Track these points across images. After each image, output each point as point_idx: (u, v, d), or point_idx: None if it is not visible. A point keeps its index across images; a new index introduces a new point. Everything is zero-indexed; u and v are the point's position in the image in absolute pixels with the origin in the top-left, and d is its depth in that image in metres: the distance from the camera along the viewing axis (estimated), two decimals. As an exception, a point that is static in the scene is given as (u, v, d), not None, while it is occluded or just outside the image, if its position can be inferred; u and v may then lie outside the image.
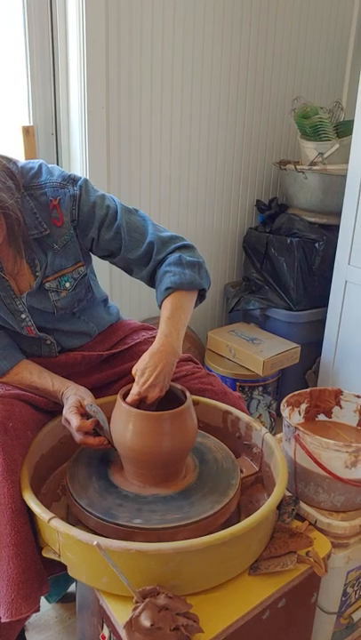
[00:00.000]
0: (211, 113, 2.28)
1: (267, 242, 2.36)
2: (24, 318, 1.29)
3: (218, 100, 2.28)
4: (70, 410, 1.17)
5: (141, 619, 0.90)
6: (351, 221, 2.05)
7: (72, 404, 1.18)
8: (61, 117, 1.99)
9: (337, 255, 2.13)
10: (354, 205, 2.02)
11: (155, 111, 2.11)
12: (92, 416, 1.17)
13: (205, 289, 1.32)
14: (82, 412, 1.17)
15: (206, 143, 2.32)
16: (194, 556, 0.95)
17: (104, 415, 1.17)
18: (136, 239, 1.29)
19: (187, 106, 2.19)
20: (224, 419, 1.35)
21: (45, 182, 1.24)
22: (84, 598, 1.15)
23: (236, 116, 2.37)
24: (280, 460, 1.16)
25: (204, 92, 2.22)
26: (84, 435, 1.15)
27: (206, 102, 2.25)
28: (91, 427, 1.15)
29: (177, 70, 2.12)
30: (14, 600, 1.07)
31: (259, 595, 1.01)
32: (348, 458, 1.19)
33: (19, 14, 1.84)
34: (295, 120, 2.31)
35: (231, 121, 2.36)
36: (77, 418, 1.15)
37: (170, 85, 2.12)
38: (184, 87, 2.16)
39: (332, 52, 2.63)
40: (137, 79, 2.02)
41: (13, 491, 1.08)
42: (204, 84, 2.22)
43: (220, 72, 2.25)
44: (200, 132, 2.28)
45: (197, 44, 2.14)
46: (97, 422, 1.16)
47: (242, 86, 2.34)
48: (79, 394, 1.22)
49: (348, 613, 1.30)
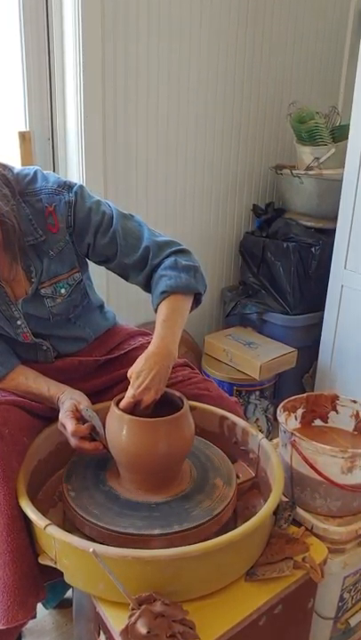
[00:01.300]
0: (207, 118, 2.29)
1: (263, 246, 2.36)
2: (20, 324, 1.29)
3: (214, 104, 2.29)
4: (66, 414, 1.17)
5: (138, 626, 0.90)
6: (347, 225, 2.05)
7: (68, 409, 1.18)
8: (58, 123, 1.99)
9: (333, 259, 2.14)
10: (350, 210, 2.03)
11: (151, 116, 2.11)
12: (88, 421, 1.17)
13: (201, 293, 1.32)
14: (78, 417, 1.17)
15: (202, 148, 2.32)
16: (190, 562, 0.95)
17: (100, 420, 1.17)
18: (132, 244, 1.29)
19: (183, 111, 2.20)
20: (220, 424, 1.35)
21: (41, 189, 1.24)
22: (80, 605, 1.15)
23: (232, 121, 2.38)
24: (276, 466, 1.16)
25: (199, 97, 2.23)
26: (79, 439, 1.15)
27: (202, 107, 2.25)
28: (86, 432, 1.15)
29: (173, 75, 2.12)
30: (11, 607, 1.07)
31: (255, 601, 1.01)
32: (344, 463, 1.19)
33: (15, 20, 1.84)
34: (291, 125, 2.32)
35: (227, 125, 2.37)
36: (73, 422, 1.15)
37: (166, 90, 2.12)
38: (180, 92, 2.17)
39: (328, 57, 2.64)
40: (133, 84, 2.03)
41: (10, 497, 1.08)
42: (200, 89, 2.22)
43: (216, 76, 2.25)
44: (196, 137, 2.28)
45: (193, 49, 2.15)
46: (93, 427, 1.16)
47: (238, 91, 2.35)
48: (75, 398, 1.22)
49: (345, 618, 1.30)
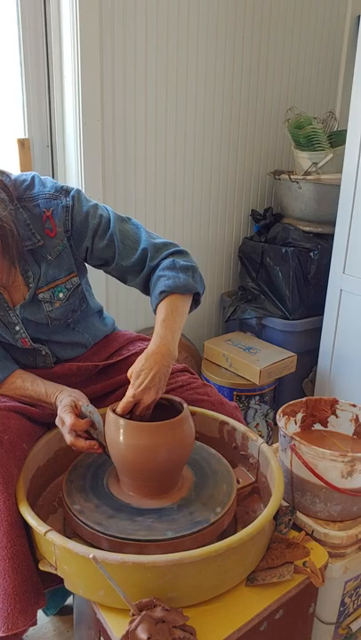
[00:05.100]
0: (205, 123, 2.30)
1: (262, 251, 2.37)
2: (18, 330, 1.29)
3: (212, 110, 2.30)
4: (65, 409, 1.16)
5: (138, 632, 0.89)
6: (345, 230, 2.06)
7: (67, 404, 1.18)
8: (57, 130, 2.00)
9: (332, 264, 2.14)
10: (348, 214, 2.04)
11: (149, 122, 2.12)
12: (88, 417, 1.16)
13: (200, 293, 1.31)
14: (77, 413, 1.16)
15: (201, 154, 2.33)
16: (190, 567, 0.95)
17: (100, 416, 1.16)
18: (129, 247, 1.29)
19: (181, 117, 2.21)
20: (220, 429, 1.35)
21: (38, 194, 1.24)
22: (81, 611, 1.15)
23: (230, 127, 2.39)
24: (276, 471, 1.16)
25: (198, 103, 2.24)
26: (75, 436, 1.14)
27: (200, 113, 2.26)
28: (85, 426, 1.14)
29: (171, 81, 2.14)
30: (11, 614, 1.07)
31: (256, 606, 1.00)
32: (344, 467, 1.18)
33: (13, 27, 1.85)
34: (289, 130, 2.32)
35: (225, 131, 2.38)
36: (72, 416, 1.14)
37: (164, 97, 2.13)
38: (178, 99, 2.18)
39: (325, 63, 2.66)
40: (131, 91, 2.04)
41: (9, 504, 1.08)
42: (198, 96, 2.23)
43: (213, 83, 2.26)
44: (194, 142, 2.29)
45: (191, 56, 2.16)
46: (92, 423, 1.15)
47: (236, 97, 2.36)
48: (74, 395, 1.22)
49: (346, 623, 1.30)
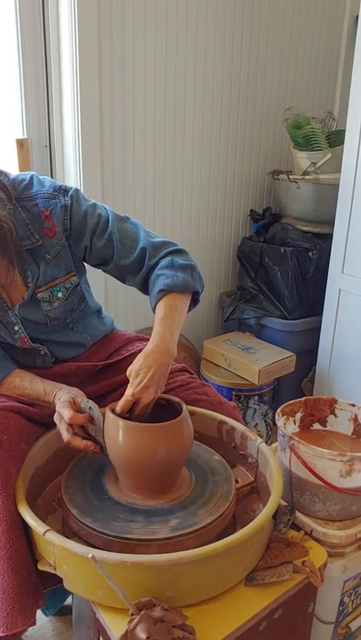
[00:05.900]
0: (204, 124, 2.30)
1: (261, 251, 2.37)
2: (17, 330, 1.29)
3: (211, 110, 2.30)
4: (63, 404, 1.16)
5: (137, 631, 0.89)
6: (344, 230, 2.06)
7: (66, 400, 1.17)
8: (55, 130, 2.00)
9: (331, 264, 2.15)
10: (346, 214, 2.04)
11: (148, 122, 2.12)
12: (87, 412, 1.16)
13: (199, 292, 1.31)
14: (75, 409, 1.16)
15: (200, 154, 2.33)
16: (189, 567, 0.95)
17: (100, 413, 1.16)
18: (128, 246, 1.29)
19: (179, 117, 2.21)
20: (219, 429, 1.35)
21: (37, 193, 1.24)
22: (80, 611, 1.15)
23: (228, 127, 2.39)
24: (275, 470, 1.16)
25: (196, 104, 2.24)
26: (72, 435, 1.14)
27: (199, 113, 2.27)
28: (84, 421, 1.14)
29: (170, 82, 2.14)
30: (10, 614, 1.07)
31: (255, 606, 1.00)
32: (343, 467, 1.18)
33: (11, 27, 1.85)
34: (288, 130, 2.33)
35: (224, 131, 2.38)
36: (70, 411, 1.14)
37: (162, 97, 2.13)
38: (177, 99, 2.18)
39: (323, 63, 2.66)
40: (130, 91, 2.04)
41: (8, 504, 1.08)
42: (197, 96, 2.23)
43: (212, 83, 2.27)
44: (193, 143, 2.29)
45: (190, 56, 2.16)
46: (91, 418, 1.15)
47: (234, 97, 2.36)
48: (73, 392, 1.21)
49: (345, 623, 1.30)
